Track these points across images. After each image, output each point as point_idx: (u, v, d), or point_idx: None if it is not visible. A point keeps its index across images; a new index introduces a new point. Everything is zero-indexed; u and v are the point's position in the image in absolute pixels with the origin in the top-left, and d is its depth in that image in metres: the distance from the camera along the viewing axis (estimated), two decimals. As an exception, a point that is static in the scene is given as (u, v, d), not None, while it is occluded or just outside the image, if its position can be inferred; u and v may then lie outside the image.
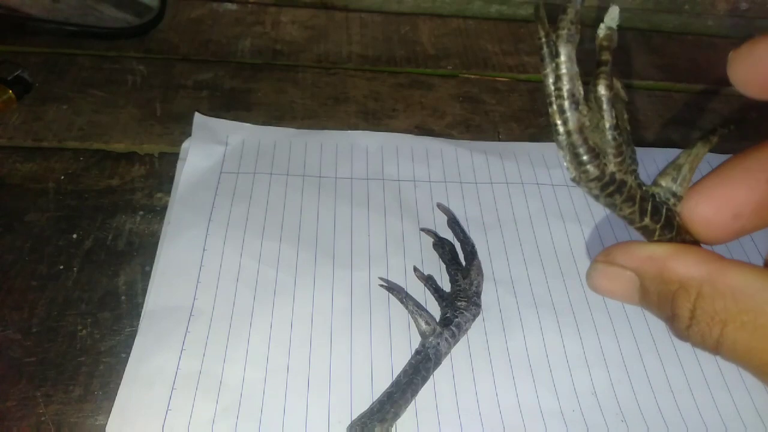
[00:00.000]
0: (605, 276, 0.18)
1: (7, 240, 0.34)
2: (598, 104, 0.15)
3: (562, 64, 0.15)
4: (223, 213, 0.37)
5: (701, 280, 0.16)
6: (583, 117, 0.15)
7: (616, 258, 0.18)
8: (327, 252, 0.35)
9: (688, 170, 0.17)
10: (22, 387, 0.29)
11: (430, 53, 0.54)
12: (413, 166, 0.41)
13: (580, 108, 0.15)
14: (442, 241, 0.36)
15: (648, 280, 0.17)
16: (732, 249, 0.37)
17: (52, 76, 0.45)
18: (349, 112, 0.46)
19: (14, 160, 0.39)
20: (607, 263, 0.18)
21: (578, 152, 0.15)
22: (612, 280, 0.18)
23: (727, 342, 0.16)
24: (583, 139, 0.15)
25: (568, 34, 0.15)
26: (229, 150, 0.41)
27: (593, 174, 0.15)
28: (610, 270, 0.18)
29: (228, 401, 0.29)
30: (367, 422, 0.27)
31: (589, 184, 0.16)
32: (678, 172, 0.17)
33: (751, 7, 0.61)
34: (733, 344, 0.16)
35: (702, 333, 0.16)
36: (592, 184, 0.16)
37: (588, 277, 0.19)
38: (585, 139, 0.15)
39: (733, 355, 0.16)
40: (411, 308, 0.31)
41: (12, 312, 0.31)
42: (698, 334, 0.16)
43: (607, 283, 0.18)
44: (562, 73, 0.15)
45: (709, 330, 0.16)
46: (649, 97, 0.51)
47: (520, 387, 0.31)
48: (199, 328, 0.31)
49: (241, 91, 0.47)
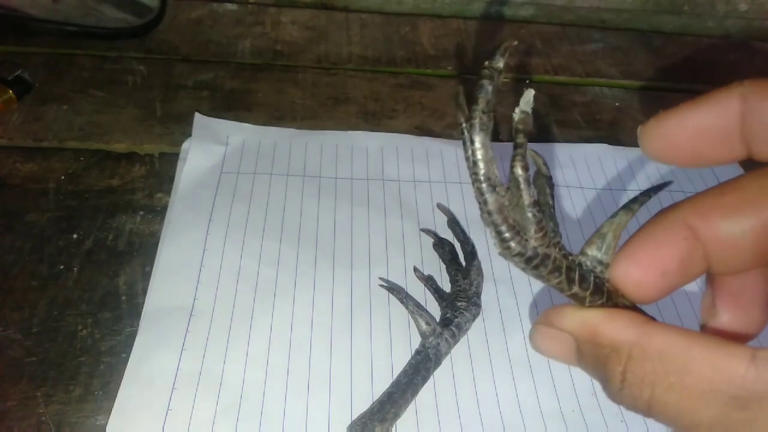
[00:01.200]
0: (546, 337, 0.19)
1: (7, 240, 0.34)
2: (516, 185, 0.16)
3: (477, 151, 0.16)
4: (224, 213, 0.37)
5: (631, 344, 0.17)
6: (502, 197, 0.16)
7: (553, 321, 0.19)
8: (327, 252, 0.35)
9: (612, 238, 0.18)
10: (23, 387, 0.29)
11: (430, 54, 0.54)
12: (413, 166, 0.41)
13: (498, 189, 0.16)
14: (442, 241, 0.36)
15: (582, 343, 0.18)
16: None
17: (53, 77, 0.45)
18: (350, 112, 0.46)
19: (14, 160, 0.39)
20: (547, 325, 0.19)
21: (500, 230, 0.16)
22: (552, 341, 0.19)
23: (657, 404, 0.16)
24: (503, 218, 0.16)
25: (480, 123, 0.16)
26: (230, 150, 0.41)
27: (516, 250, 0.16)
28: (550, 331, 0.19)
29: (228, 401, 0.29)
30: (367, 422, 0.28)
31: (514, 258, 0.16)
32: (603, 240, 0.18)
33: (751, 8, 0.61)
34: (663, 406, 0.16)
35: (633, 396, 0.17)
36: (517, 258, 0.16)
37: (530, 337, 0.20)
38: (505, 218, 0.16)
39: (664, 417, 0.16)
40: (411, 308, 0.31)
41: (12, 312, 0.31)
42: (630, 397, 0.17)
43: (548, 343, 0.19)
44: (478, 159, 0.16)
45: (640, 392, 0.16)
46: (648, 98, 0.51)
47: (520, 387, 0.31)
48: (200, 328, 0.31)
49: (242, 91, 0.47)
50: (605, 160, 0.43)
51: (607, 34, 0.59)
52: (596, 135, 0.47)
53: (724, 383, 0.15)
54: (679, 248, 0.18)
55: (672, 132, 0.19)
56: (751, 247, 0.18)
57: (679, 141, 0.19)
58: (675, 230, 0.18)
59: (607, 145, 0.45)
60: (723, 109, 0.18)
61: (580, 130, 0.47)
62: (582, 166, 0.43)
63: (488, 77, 0.16)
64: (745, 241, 0.18)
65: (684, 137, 0.19)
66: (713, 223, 0.18)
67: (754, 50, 0.60)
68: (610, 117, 0.49)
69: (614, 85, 0.52)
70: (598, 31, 0.60)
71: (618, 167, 0.43)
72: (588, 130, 0.47)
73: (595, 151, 0.44)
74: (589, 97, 0.51)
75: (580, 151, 0.44)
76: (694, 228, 0.18)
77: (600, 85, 0.52)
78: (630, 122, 0.48)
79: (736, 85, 0.18)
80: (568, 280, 0.17)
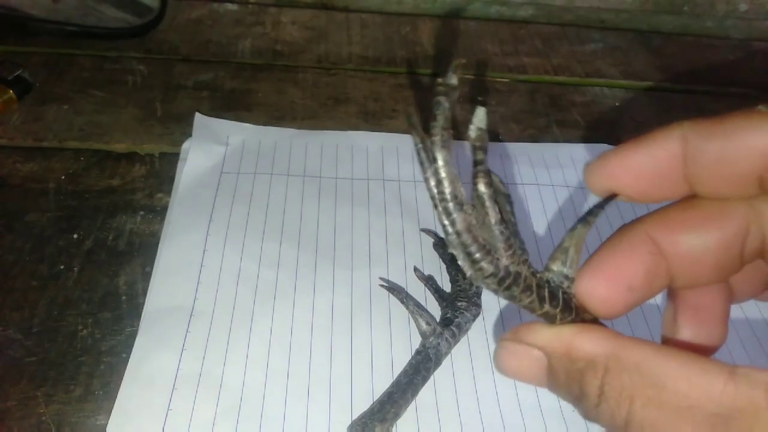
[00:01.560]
0: (513, 355, 0.18)
1: (7, 240, 0.34)
2: (480, 202, 0.16)
3: (440, 169, 0.15)
4: (224, 213, 0.37)
5: (607, 356, 0.16)
6: (469, 216, 0.16)
7: (523, 337, 0.18)
8: (327, 252, 0.35)
9: (575, 252, 0.18)
10: (23, 387, 0.29)
11: (430, 54, 0.54)
12: (413, 166, 0.41)
13: (465, 208, 0.16)
14: (442, 241, 0.36)
15: (555, 359, 0.17)
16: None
17: (53, 76, 0.45)
18: (350, 112, 0.46)
19: (15, 160, 0.39)
20: (516, 341, 0.18)
21: (470, 251, 0.15)
22: (520, 359, 0.18)
23: (635, 420, 0.16)
24: (473, 237, 0.15)
25: (441, 140, 0.15)
26: (230, 150, 0.41)
27: (488, 270, 0.16)
28: (519, 348, 0.18)
29: (228, 402, 0.29)
30: (367, 422, 0.28)
31: (486, 280, 0.16)
32: (566, 255, 0.18)
33: (750, 8, 0.61)
34: (640, 422, 0.16)
35: (611, 410, 0.16)
36: (489, 280, 0.16)
37: (495, 356, 0.19)
38: (474, 237, 0.15)
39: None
40: (411, 308, 0.31)
41: (13, 312, 0.31)
42: (607, 413, 0.16)
43: (516, 362, 0.18)
44: (442, 177, 0.15)
45: (618, 406, 0.16)
46: (648, 98, 0.51)
47: (520, 386, 0.31)
48: (200, 329, 0.31)
49: (242, 91, 0.47)
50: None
51: (606, 34, 0.59)
52: (596, 135, 0.47)
53: (702, 400, 0.15)
54: (644, 262, 0.18)
55: (615, 172, 0.19)
56: (712, 261, 0.19)
57: (622, 181, 0.19)
58: (639, 244, 0.19)
59: (607, 145, 0.45)
60: (663, 151, 0.18)
61: (580, 130, 0.47)
62: (582, 166, 0.43)
63: (443, 94, 0.16)
64: (707, 255, 0.19)
65: (627, 177, 0.19)
66: (677, 237, 0.19)
67: (754, 50, 0.60)
68: (610, 117, 0.49)
69: (614, 85, 0.52)
70: (598, 31, 0.60)
71: (618, 167, 0.43)
72: (588, 130, 0.47)
73: (595, 151, 0.44)
74: (589, 97, 0.51)
75: (580, 151, 0.44)
76: (658, 242, 0.18)
77: (600, 85, 0.52)
78: (630, 122, 0.48)
79: (676, 125, 0.18)
80: (539, 299, 0.17)
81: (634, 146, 0.19)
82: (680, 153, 0.18)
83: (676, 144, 0.18)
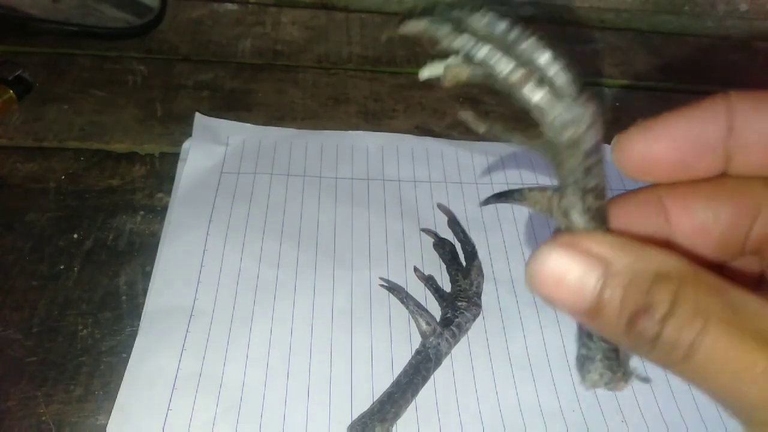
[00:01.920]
0: (562, 261, 0.16)
1: (7, 240, 0.34)
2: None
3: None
4: (224, 213, 0.37)
5: (685, 270, 0.15)
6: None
7: (581, 242, 0.16)
8: (327, 252, 0.35)
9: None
10: (23, 387, 0.29)
11: (431, 54, 0.53)
12: (413, 166, 0.41)
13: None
14: (442, 241, 0.36)
15: (620, 266, 0.15)
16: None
17: (53, 76, 0.45)
18: (350, 112, 0.46)
19: (15, 160, 0.39)
20: (570, 246, 0.16)
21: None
22: (570, 268, 0.16)
23: (703, 345, 0.14)
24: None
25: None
26: (230, 150, 0.41)
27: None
28: (572, 255, 0.16)
29: (228, 402, 0.29)
30: (367, 422, 0.28)
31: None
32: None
33: (751, 8, 0.61)
34: (711, 348, 0.14)
35: (680, 327, 0.14)
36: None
37: (535, 268, 0.16)
38: None
39: (705, 364, 0.15)
40: (411, 308, 0.31)
41: (13, 312, 0.31)
42: (675, 331, 0.15)
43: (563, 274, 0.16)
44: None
45: (690, 323, 0.14)
46: (649, 98, 0.51)
47: (521, 387, 0.31)
48: (200, 329, 0.31)
49: (242, 91, 0.47)
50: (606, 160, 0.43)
51: (606, 34, 0.59)
52: (596, 135, 0.47)
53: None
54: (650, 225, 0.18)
55: (655, 142, 0.18)
56: (717, 238, 0.18)
57: (661, 152, 0.18)
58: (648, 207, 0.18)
59: (607, 144, 0.45)
60: (712, 119, 0.17)
61: (580, 130, 0.47)
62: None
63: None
64: (714, 229, 0.18)
65: (668, 147, 0.18)
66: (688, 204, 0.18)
67: (755, 50, 0.60)
68: (609, 117, 0.49)
69: (614, 85, 0.52)
70: (598, 31, 0.60)
71: (618, 167, 0.43)
72: (588, 130, 0.47)
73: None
74: (589, 97, 0.51)
75: (580, 151, 0.44)
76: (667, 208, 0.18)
77: (600, 84, 0.52)
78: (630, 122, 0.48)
79: (721, 96, 0.18)
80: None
81: (679, 114, 0.18)
82: (726, 125, 0.17)
83: (722, 116, 0.17)
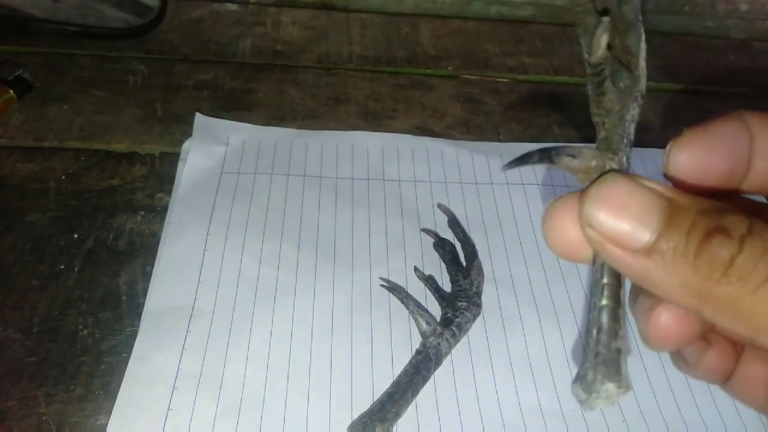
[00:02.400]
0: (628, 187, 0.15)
1: (8, 240, 0.34)
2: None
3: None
4: (224, 213, 0.37)
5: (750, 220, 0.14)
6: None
7: (645, 180, 0.15)
8: (328, 252, 0.35)
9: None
10: (23, 386, 0.29)
11: (431, 54, 0.54)
12: (414, 166, 0.41)
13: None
14: (442, 241, 0.36)
15: (685, 201, 0.15)
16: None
17: (53, 76, 0.45)
18: (350, 112, 0.46)
19: (15, 160, 0.39)
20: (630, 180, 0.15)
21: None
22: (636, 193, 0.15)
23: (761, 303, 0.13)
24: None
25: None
26: (230, 150, 0.41)
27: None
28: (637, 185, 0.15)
29: (229, 401, 0.29)
30: (367, 422, 0.28)
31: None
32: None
33: (751, 8, 0.61)
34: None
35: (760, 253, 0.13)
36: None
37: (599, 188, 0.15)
38: None
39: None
40: (412, 308, 0.31)
41: (13, 312, 0.31)
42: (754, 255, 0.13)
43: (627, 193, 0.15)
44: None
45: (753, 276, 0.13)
46: (649, 98, 0.51)
47: (521, 386, 0.31)
48: (200, 328, 0.31)
49: (242, 91, 0.47)
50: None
51: (607, 34, 0.59)
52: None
53: None
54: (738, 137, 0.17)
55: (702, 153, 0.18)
56: None
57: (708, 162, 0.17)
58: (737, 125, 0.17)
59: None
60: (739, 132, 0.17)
61: (580, 130, 0.47)
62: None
63: None
64: None
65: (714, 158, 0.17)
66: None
67: (755, 51, 0.60)
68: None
69: (614, 85, 0.52)
70: (599, 31, 0.60)
71: (618, 167, 0.43)
72: (588, 130, 0.47)
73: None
74: (590, 97, 0.51)
75: (580, 151, 0.44)
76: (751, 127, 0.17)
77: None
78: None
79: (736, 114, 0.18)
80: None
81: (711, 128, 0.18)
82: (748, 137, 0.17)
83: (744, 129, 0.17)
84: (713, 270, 0.14)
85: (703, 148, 0.17)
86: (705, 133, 0.18)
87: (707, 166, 0.17)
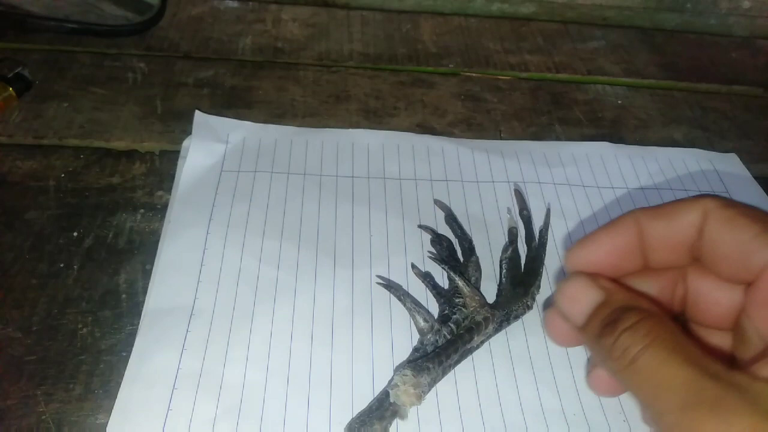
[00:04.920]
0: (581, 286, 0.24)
1: (7, 238, 0.34)
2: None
3: None
4: (224, 211, 0.37)
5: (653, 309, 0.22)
6: None
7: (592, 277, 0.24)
8: (328, 251, 0.35)
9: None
10: (23, 385, 0.28)
11: (432, 51, 0.53)
12: (414, 164, 0.41)
13: None
14: (439, 237, 0.36)
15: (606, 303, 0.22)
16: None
17: (53, 74, 0.45)
18: (351, 110, 0.46)
19: (14, 157, 0.39)
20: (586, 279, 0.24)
21: None
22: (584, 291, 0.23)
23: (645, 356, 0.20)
24: None
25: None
26: (230, 148, 0.41)
27: None
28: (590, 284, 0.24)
29: (229, 401, 0.28)
30: (366, 420, 0.27)
31: None
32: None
33: (753, 6, 0.61)
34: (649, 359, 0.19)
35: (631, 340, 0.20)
36: None
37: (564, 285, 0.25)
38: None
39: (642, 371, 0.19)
40: (409, 305, 0.31)
41: (12, 310, 0.31)
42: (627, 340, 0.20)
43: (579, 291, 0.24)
44: None
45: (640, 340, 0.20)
46: (651, 96, 0.51)
47: (522, 386, 0.30)
48: (200, 328, 0.31)
49: (242, 89, 0.47)
50: (607, 158, 0.43)
51: (608, 31, 0.59)
52: (598, 133, 0.46)
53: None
54: (629, 236, 0.24)
55: (591, 254, 0.24)
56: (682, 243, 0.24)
57: (598, 259, 0.24)
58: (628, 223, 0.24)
59: (609, 143, 0.45)
60: (626, 232, 0.24)
61: (582, 128, 0.47)
62: (584, 164, 0.43)
63: None
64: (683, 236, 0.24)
65: (600, 256, 0.24)
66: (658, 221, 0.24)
67: (757, 48, 0.60)
68: (612, 115, 0.48)
69: (616, 83, 0.52)
70: (600, 28, 0.59)
71: (620, 165, 0.43)
72: (590, 128, 0.47)
73: (597, 149, 0.44)
74: (591, 95, 0.50)
75: (582, 149, 0.44)
76: (641, 224, 0.24)
77: (602, 83, 0.52)
78: (632, 120, 0.48)
79: (630, 214, 0.24)
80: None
81: (602, 233, 0.24)
82: (637, 233, 0.24)
83: (632, 227, 0.24)
84: (604, 350, 0.21)
85: (589, 254, 0.25)
86: (591, 243, 0.25)
87: (596, 266, 0.24)
